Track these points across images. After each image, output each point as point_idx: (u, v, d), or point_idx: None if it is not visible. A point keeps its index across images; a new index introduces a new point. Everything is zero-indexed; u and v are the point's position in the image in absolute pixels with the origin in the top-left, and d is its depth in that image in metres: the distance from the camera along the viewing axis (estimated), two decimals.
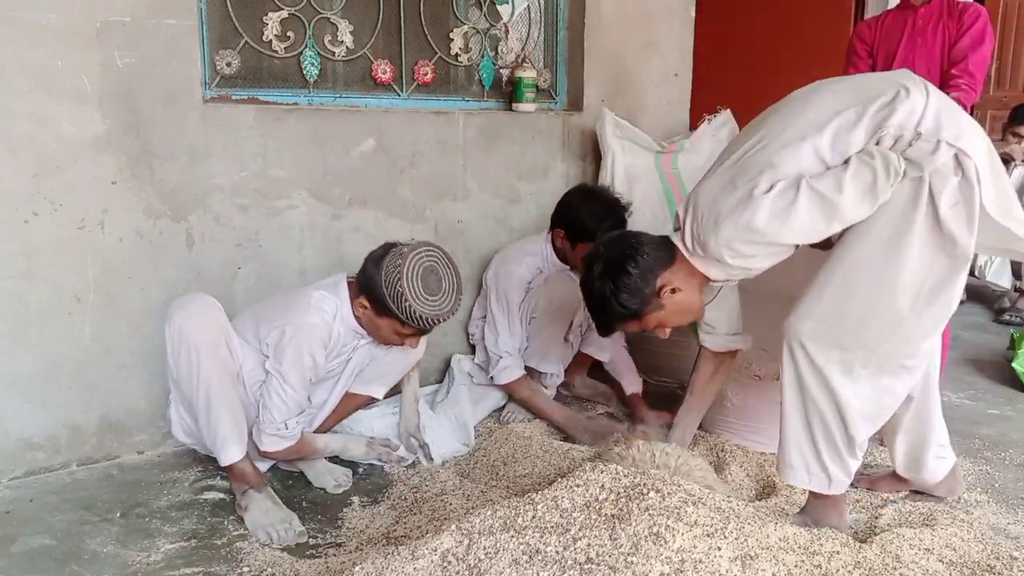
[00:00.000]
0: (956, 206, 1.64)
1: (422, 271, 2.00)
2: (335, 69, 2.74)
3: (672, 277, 1.85)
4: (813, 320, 1.73)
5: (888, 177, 1.63)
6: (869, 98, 1.68)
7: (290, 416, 2.06)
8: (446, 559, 1.48)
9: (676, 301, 1.87)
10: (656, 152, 3.14)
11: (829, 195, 1.63)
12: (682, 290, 1.87)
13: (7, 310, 2.15)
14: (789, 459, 1.83)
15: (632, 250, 1.85)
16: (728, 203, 1.71)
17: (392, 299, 1.99)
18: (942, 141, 1.63)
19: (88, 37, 2.15)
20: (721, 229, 1.71)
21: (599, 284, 1.87)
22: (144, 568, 1.80)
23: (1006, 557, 1.77)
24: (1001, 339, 3.65)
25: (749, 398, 2.36)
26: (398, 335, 2.10)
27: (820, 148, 1.68)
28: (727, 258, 1.75)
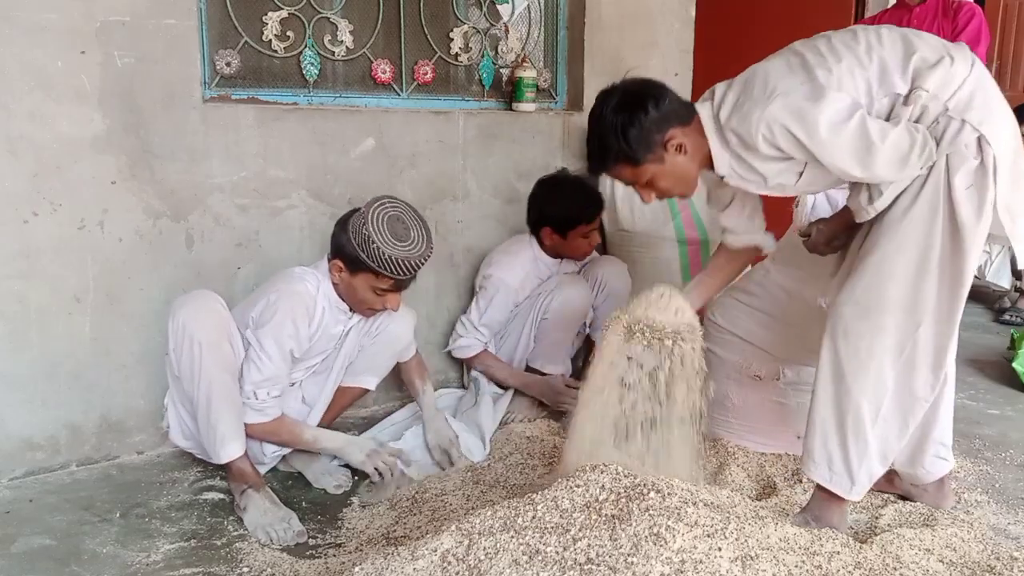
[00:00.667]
0: (969, 189, 1.63)
1: (387, 219, 2.00)
2: (335, 69, 2.73)
3: (682, 136, 1.78)
4: (853, 305, 1.73)
5: (921, 154, 1.62)
6: (916, 49, 1.67)
7: (260, 386, 2.02)
8: (446, 559, 1.48)
9: (677, 162, 1.80)
10: None
11: (874, 139, 1.61)
12: (687, 153, 1.79)
13: (7, 310, 2.15)
14: (813, 452, 1.81)
15: (657, 92, 1.79)
16: (788, 83, 1.67)
17: (361, 248, 1.97)
18: (967, 122, 1.62)
19: (88, 37, 2.15)
20: (771, 105, 1.65)
21: (611, 115, 1.77)
22: (144, 568, 1.80)
23: (1006, 557, 1.77)
24: (1001, 339, 3.65)
25: (749, 398, 2.35)
26: (375, 294, 2.07)
27: (871, 75, 1.67)
28: (759, 137, 1.66)
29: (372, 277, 2.03)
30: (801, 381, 2.30)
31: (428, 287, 2.89)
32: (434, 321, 2.93)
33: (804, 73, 1.69)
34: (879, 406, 1.74)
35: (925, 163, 1.63)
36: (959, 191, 1.63)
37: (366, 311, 2.17)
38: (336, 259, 2.07)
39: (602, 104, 1.81)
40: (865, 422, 1.75)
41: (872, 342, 1.72)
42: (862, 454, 1.77)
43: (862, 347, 1.73)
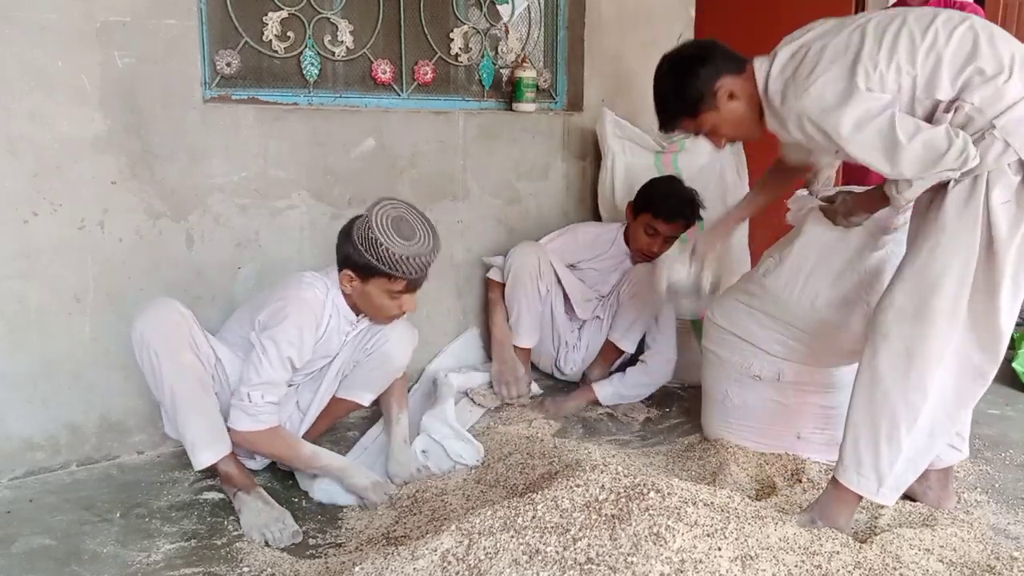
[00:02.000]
0: (1007, 204, 1.64)
1: (390, 220, 1.96)
2: (335, 69, 2.74)
3: (733, 84, 1.89)
4: (894, 311, 1.75)
5: (957, 159, 1.62)
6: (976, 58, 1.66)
7: (255, 388, 1.96)
8: (446, 559, 1.48)
9: (731, 108, 1.91)
10: (656, 152, 3.14)
11: (901, 137, 1.64)
12: (740, 100, 1.90)
13: (7, 310, 2.15)
14: (845, 455, 1.82)
15: (706, 50, 1.92)
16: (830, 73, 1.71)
17: (370, 252, 1.94)
18: (1011, 146, 1.62)
19: (88, 37, 2.15)
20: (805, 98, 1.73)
21: (666, 76, 1.95)
22: (144, 568, 1.80)
23: (1006, 557, 1.77)
24: None
25: (749, 398, 2.36)
26: (391, 298, 2.04)
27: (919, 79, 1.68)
28: (790, 123, 1.78)
29: (385, 281, 1.99)
30: (801, 381, 2.30)
31: (428, 287, 2.85)
32: (434, 321, 2.93)
33: (850, 66, 1.70)
34: (916, 412, 1.74)
35: (961, 166, 1.63)
36: (995, 203, 1.64)
37: (384, 319, 2.14)
38: (346, 270, 2.02)
39: (659, 67, 1.98)
40: (900, 427, 1.75)
41: (911, 347, 1.72)
42: (894, 458, 1.76)
43: (902, 351, 1.73)
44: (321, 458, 2.08)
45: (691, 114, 1.93)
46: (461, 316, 2.99)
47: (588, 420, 2.73)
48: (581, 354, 2.94)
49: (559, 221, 3.12)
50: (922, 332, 1.71)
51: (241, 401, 1.97)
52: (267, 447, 2.06)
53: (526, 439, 2.45)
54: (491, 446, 2.42)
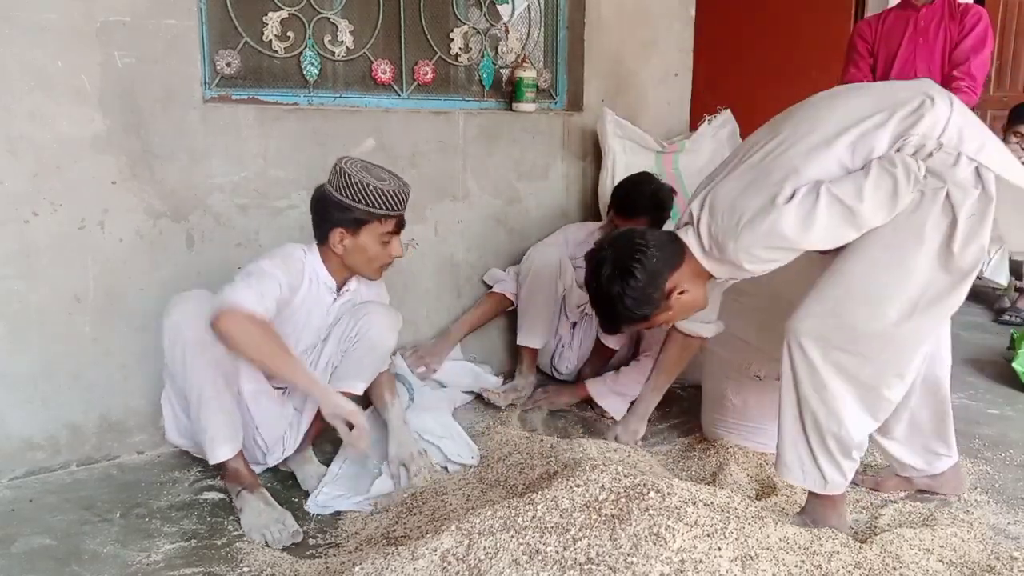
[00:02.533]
0: (972, 217, 1.65)
1: (359, 167, 2.05)
2: (335, 69, 2.74)
3: (680, 279, 1.85)
4: (812, 319, 1.75)
5: (909, 184, 1.63)
6: (895, 105, 1.68)
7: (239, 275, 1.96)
8: (446, 559, 1.48)
9: (683, 301, 1.88)
10: (657, 152, 3.14)
11: (850, 203, 1.64)
12: (689, 291, 1.87)
13: (7, 310, 2.15)
14: (784, 456, 1.86)
15: (639, 253, 1.82)
16: (750, 208, 1.70)
17: (359, 199, 2.01)
18: (963, 154, 1.64)
19: (88, 37, 2.15)
20: (742, 235, 1.70)
21: (606, 286, 1.84)
22: (144, 568, 1.80)
23: (1006, 557, 1.77)
24: (1001, 339, 3.65)
25: (749, 398, 2.36)
26: (381, 241, 2.09)
27: (843, 156, 1.68)
28: (745, 263, 1.74)
29: (377, 224, 2.06)
30: None
31: (428, 287, 2.89)
32: (434, 321, 2.93)
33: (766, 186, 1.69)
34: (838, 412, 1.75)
35: (915, 187, 1.64)
36: (963, 221, 1.64)
37: (375, 271, 2.17)
38: (336, 229, 2.06)
39: (596, 276, 1.87)
40: (822, 426, 1.77)
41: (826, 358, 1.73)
42: (828, 453, 1.80)
43: (816, 362, 1.74)
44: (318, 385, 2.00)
45: (643, 320, 1.88)
46: (461, 316, 2.99)
47: (588, 420, 2.73)
48: (575, 352, 2.94)
49: (559, 221, 3.13)
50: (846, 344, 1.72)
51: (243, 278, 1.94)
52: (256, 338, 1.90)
53: (526, 439, 2.45)
54: (491, 446, 2.42)
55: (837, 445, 1.78)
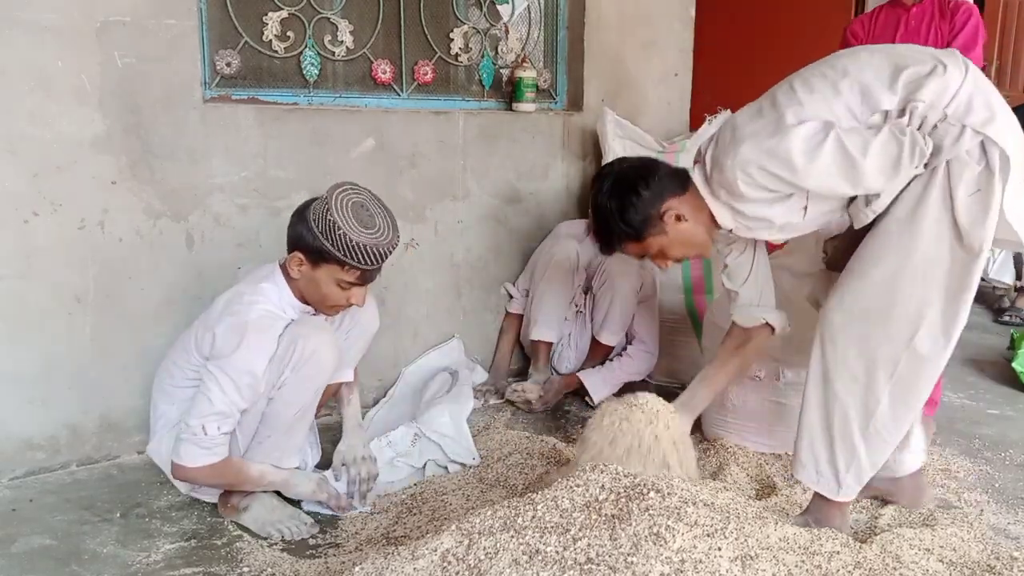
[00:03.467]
0: (974, 195, 1.61)
1: (351, 205, 1.83)
2: (335, 69, 2.74)
3: (680, 205, 1.83)
4: (843, 312, 1.73)
5: (913, 158, 1.60)
6: (906, 64, 1.66)
7: (209, 419, 1.80)
8: (446, 559, 1.48)
9: (680, 230, 1.84)
10: (657, 152, 3.14)
11: (854, 154, 1.60)
12: (687, 220, 1.83)
13: (7, 310, 2.15)
14: (800, 455, 1.82)
15: (645, 171, 1.84)
16: (754, 126, 1.68)
17: (325, 236, 1.80)
18: (968, 127, 1.60)
19: (88, 37, 2.15)
20: (741, 148, 1.66)
21: (605, 199, 1.84)
22: (144, 568, 1.80)
23: (1006, 557, 1.77)
24: (1001, 339, 3.65)
25: (749, 398, 2.36)
26: (339, 287, 1.89)
27: (850, 100, 1.65)
28: (740, 182, 1.68)
29: (337, 269, 1.85)
30: (801, 382, 2.28)
31: (428, 287, 2.89)
32: (434, 320, 2.93)
33: (772, 113, 1.68)
34: (870, 411, 1.73)
35: (919, 162, 1.61)
36: (961, 199, 1.61)
37: (328, 309, 1.97)
38: (296, 252, 1.87)
39: (597, 190, 1.87)
40: (852, 426, 1.75)
41: (860, 349, 1.72)
42: (849, 458, 1.77)
43: (850, 354, 1.72)
44: (267, 475, 1.95)
45: (636, 239, 1.86)
46: (461, 316, 2.99)
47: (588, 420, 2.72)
48: (573, 352, 2.94)
49: (559, 221, 3.12)
50: (868, 333, 1.70)
51: (194, 435, 1.81)
52: (217, 478, 1.92)
53: (526, 439, 2.45)
54: (491, 446, 2.42)
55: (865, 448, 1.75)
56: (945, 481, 2.23)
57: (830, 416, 1.76)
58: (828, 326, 1.75)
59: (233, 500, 2.00)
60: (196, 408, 1.82)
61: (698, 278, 3.03)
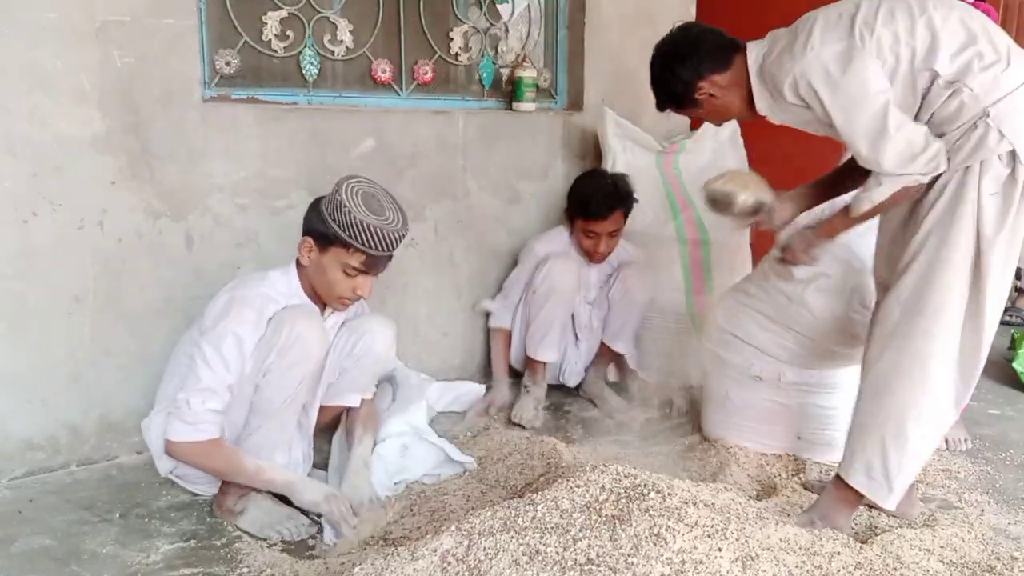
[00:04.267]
0: (994, 196, 1.63)
1: (361, 195, 1.88)
2: (335, 69, 2.73)
3: (717, 82, 1.93)
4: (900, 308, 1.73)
5: (928, 163, 1.65)
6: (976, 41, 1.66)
7: (194, 394, 1.80)
8: (446, 560, 1.48)
9: (713, 103, 1.96)
10: (657, 152, 3.14)
11: (891, 126, 1.65)
12: (719, 98, 1.94)
13: (6, 310, 2.15)
14: (853, 458, 1.81)
15: (688, 47, 1.95)
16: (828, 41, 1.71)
17: (332, 217, 1.84)
18: (1004, 136, 1.61)
19: (88, 37, 2.15)
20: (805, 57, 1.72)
21: (655, 66, 2.02)
22: (144, 568, 1.80)
23: (1006, 557, 1.77)
24: (1001, 339, 3.64)
25: (750, 399, 2.36)
26: (345, 274, 1.90)
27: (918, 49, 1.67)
28: (786, 89, 1.77)
29: (343, 252, 1.87)
30: (802, 382, 2.30)
31: (428, 287, 2.89)
32: (434, 320, 2.93)
33: (848, 28, 1.71)
34: (922, 413, 1.73)
35: (930, 171, 1.65)
36: (985, 196, 1.63)
37: (334, 300, 1.97)
38: (306, 238, 1.92)
39: (654, 53, 2.04)
40: (908, 427, 1.73)
41: (920, 346, 1.71)
42: (902, 460, 1.75)
43: (907, 350, 1.72)
44: (265, 472, 1.91)
45: (676, 106, 2.02)
46: (461, 316, 2.99)
47: (587, 421, 2.73)
48: (582, 363, 2.92)
49: (559, 221, 3.12)
50: (927, 328, 1.70)
51: (178, 409, 1.82)
52: (205, 461, 1.89)
53: (526, 439, 2.45)
54: (491, 446, 2.42)
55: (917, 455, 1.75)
56: (945, 481, 2.23)
57: (886, 419, 1.75)
58: (885, 324, 1.75)
59: (228, 503, 1.98)
60: (185, 384, 1.85)
61: (698, 278, 3.02)
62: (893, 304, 1.75)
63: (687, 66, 1.93)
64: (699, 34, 1.99)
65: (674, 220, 3.02)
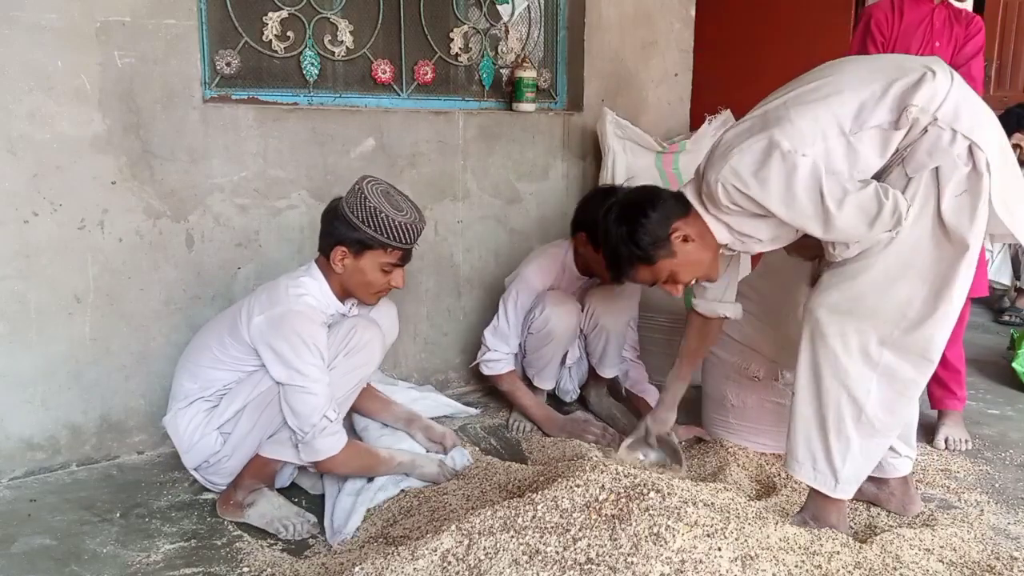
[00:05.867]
0: (961, 195, 1.64)
1: (381, 193, 1.98)
2: (335, 69, 2.74)
3: (685, 227, 1.87)
4: (828, 307, 1.75)
5: (890, 221, 1.65)
6: (896, 76, 1.69)
7: (318, 410, 1.90)
8: (446, 559, 1.48)
9: (687, 250, 1.88)
10: (657, 152, 3.14)
11: (829, 202, 1.64)
12: (694, 240, 1.87)
13: (7, 310, 2.15)
14: (796, 451, 1.83)
15: (651, 197, 1.91)
16: (741, 144, 1.71)
17: (368, 224, 1.93)
18: (958, 132, 1.64)
19: (88, 37, 2.15)
20: (725, 164, 1.71)
21: (614, 227, 1.92)
22: (144, 568, 1.80)
23: (1006, 557, 1.77)
24: (1001, 339, 3.66)
25: (748, 399, 2.36)
26: (383, 271, 2.01)
27: (841, 116, 1.68)
28: (720, 197, 1.73)
29: (381, 253, 1.98)
30: None
31: (428, 287, 2.89)
32: (434, 320, 2.93)
33: (762, 133, 1.70)
34: (860, 402, 1.74)
35: (895, 226, 1.66)
36: (949, 199, 1.65)
37: (371, 296, 2.08)
38: (339, 247, 1.98)
39: (606, 220, 1.95)
40: (846, 419, 1.76)
41: (847, 343, 1.73)
42: (844, 452, 1.77)
43: (838, 349, 1.74)
44: (396, 457, 2.11)
45: (648, 262, 1.90)
46: (461, 316, 2.99)
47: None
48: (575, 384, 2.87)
49: (559, 221, 3.12)
50: (856, 328, 1.72)
51: (321, 430, 1.90)
52: (357, 460, 2.05)
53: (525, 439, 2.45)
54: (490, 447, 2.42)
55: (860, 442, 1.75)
56: (945, 481, 2.23)
57: (823, 409, 1.77)
58: (815, 322, 1.77)
59: (237, 497, 2.01)
60: (301, 413, 1.89)
61: None
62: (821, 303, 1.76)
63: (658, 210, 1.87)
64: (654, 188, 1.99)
65: None
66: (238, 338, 1.97)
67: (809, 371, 1.79)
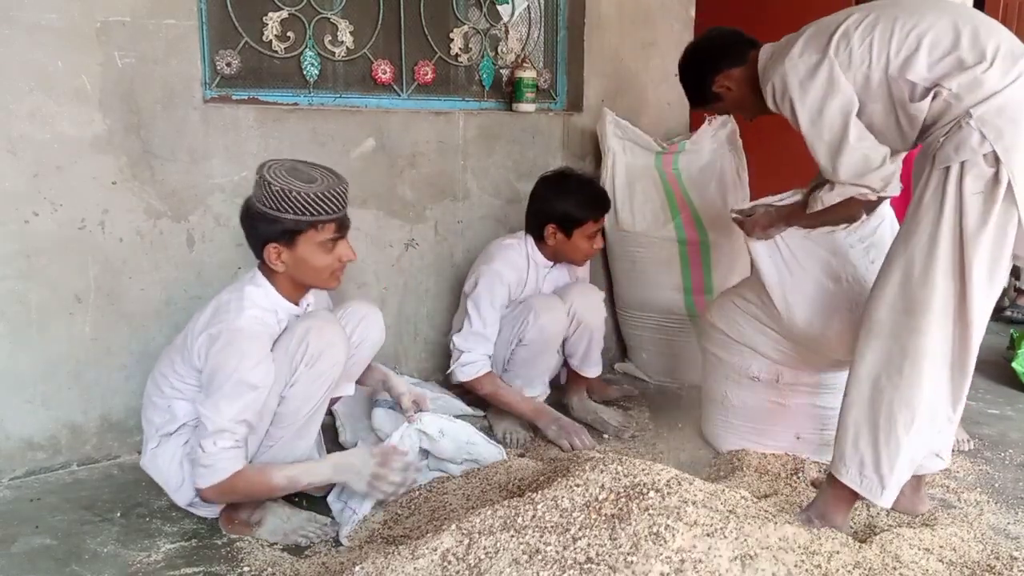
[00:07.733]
0: (976, 195, 1.63)
1: (286, 171, 1.82)
2: (335, 69, 2.74)
3: (732, 76, 2.10)
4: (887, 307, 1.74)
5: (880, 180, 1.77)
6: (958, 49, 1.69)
7: (206, 438, 1.75)
8: (446, 559, 1.48)
9: (732, 98, 2.14)
10: (657, 152, 3.14)
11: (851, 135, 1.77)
12: (735, 91, 2.11)
13: (7, 310, 2.15)
14: (844, 455, 1.81)
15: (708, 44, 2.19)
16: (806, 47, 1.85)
17: (282, 207, 1.78)
18: (986, 138, 1.61)
19: (88, 37, 2.16)
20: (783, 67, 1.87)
21: (681, 73, 2.25)
22: (144, 568, 1.80)
23: (1006, 557, 1.77)
24: (1001, 339, 3.65)
25: (748, 399, 2.36)
26: (324, 249, 1.85)
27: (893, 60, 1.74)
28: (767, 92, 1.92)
29: (313, 233, 1.82)
30: (799, 383, 2.30)
31: (428, 287, 2.90)
32: (434, 320, 2.93)
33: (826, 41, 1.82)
34: (913, 410, 1.72)
35: (880, 188, 1.77)
36: (967, 195, 1.63)
37: (328, 281, 1.92)
38: (268, 245, 1.83)
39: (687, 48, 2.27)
40: (899, 425, 1.73)
41: (907, 344, 1.71)
42: (894, 458, 1.75)
43: (896, 349, 1.72)
44: (301, 479, 1.87)
45: (702, 102, 2.22)
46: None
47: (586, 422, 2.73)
48: None
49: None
50: (914, 325, 1.70)
51: (196, 458, 1.79)
52: (238, 493, 1.85)
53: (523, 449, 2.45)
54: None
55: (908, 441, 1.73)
56: (945, 481, 2.23)
57: (876, 416, 1.75)
58: (875, 321, 1.76)
59: (241, 515, 1.93)
60: (198, 431, 1.80)
61: (697, 278, 3.03)
62: (879, 303, 1.75)
63: (704, 63, 2.13)
64: (717, 35, 2.19)
65: (672, 220, 3.03)
66: (189, 363, 1.85)
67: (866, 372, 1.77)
